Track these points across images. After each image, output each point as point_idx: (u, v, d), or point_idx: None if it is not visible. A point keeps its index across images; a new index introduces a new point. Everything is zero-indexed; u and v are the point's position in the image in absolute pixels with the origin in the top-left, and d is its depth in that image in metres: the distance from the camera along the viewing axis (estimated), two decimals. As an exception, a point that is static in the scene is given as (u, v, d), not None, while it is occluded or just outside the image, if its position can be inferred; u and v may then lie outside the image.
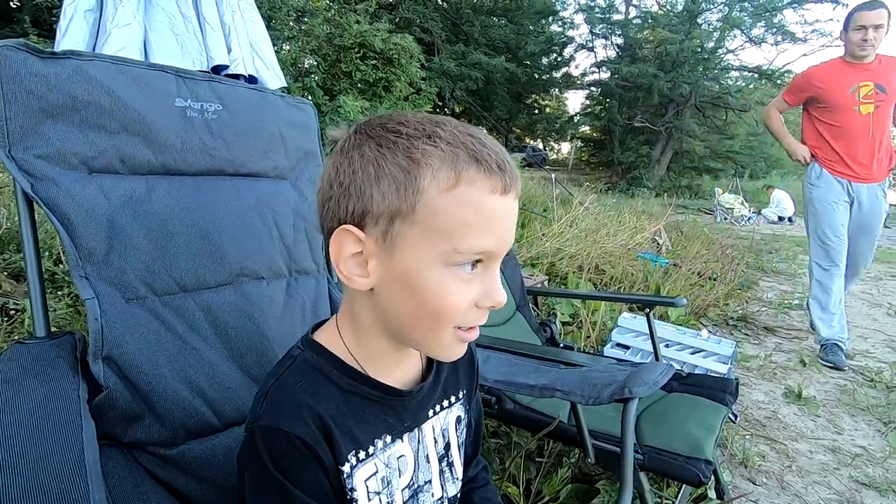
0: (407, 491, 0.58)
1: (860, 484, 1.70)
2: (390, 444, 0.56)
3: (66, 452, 0.54)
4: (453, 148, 0.47)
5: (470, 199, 0.47)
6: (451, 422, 0.64)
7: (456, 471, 0.65)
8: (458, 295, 0.48)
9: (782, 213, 10.83)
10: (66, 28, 1.25)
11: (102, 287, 0.70)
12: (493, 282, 0.50)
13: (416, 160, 0.47)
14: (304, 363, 0.55)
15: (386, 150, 0.48)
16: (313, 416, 0.50)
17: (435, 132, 0.48)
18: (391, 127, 0.49)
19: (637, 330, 2.50)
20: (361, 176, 0.48)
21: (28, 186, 0.68)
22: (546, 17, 18.73)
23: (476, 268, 0.49)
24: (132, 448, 0.70)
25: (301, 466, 0.50)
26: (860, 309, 4.03)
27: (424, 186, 0.46)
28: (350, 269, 0.51)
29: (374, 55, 8.80)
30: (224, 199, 0.89)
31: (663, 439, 1.16)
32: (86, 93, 0.74)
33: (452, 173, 0.47)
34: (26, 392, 0.59)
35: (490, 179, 0.47)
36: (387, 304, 0.51)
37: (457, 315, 0.50)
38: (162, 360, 0.73)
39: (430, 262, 0.48)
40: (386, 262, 0.49)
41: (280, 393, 0.52)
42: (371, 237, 0.49)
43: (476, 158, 0.47)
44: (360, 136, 0.50)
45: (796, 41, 16.47)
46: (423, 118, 0.50)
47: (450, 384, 0.65)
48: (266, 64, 1.56)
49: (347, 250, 0.50)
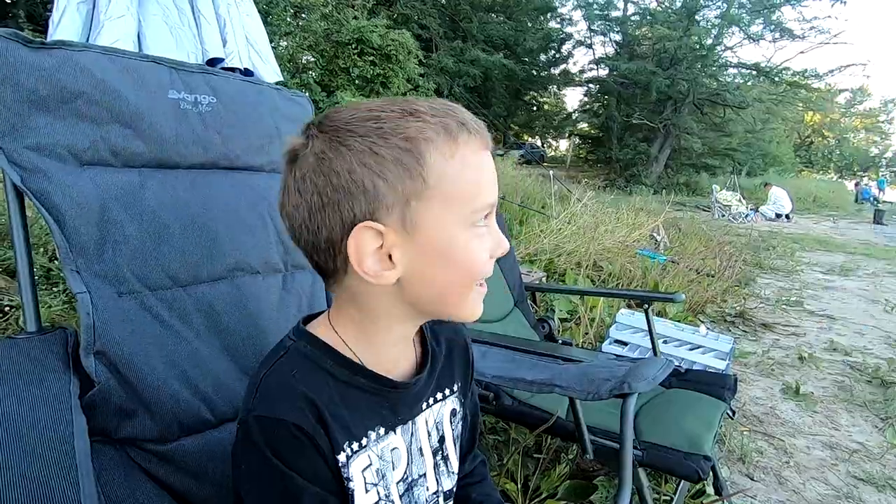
0: (402, 484, 0.57)
1: (858, 479, 1.70)
2: (383, 436, 0.56)
3: (57, 448, 0.53)
4: (439, 118, 0.48)
5: (468, 160, 0.49)
6: (445, 414, 0.64)
7: (451, 464, 0.64)
8: (480, 251, 0.51)
9: (780, 210, 10.85)
10: (58, 20, 1.23)
11: (94, 281, 0.69)
12: (497, 231, 0.54)
13: (413, 138, 0.46)
14: (296, 353, 0.54)
15: (377, 138, 0.46)
16: (308, 403, 0.50)
17: (415, 110, 0.48)
18: (367, 116, 0.47)
19: (635, 326, 2.49)
20: (360, 171, 0.46)
21: (18, 178, 0.67)
22: (544, 13, 18.71)
23: (485, 221, 0.52)
24: (125, 444, 0.69)
25: (300, 454, 0.49)
26: (857, 305, 4.04)
27: (431, 160, 0.47)
28: (373, 267, 0.49)
29: (372, 51, 8.77)
30: (218, 193, 0.87)
31: (662, 435, 1.15)
32: (76, 83, 0.73)
33: (449, 140, 0.48)
34: (16, 388, 0.57)
35: (476, 139, 0.50)
36: (418, 287, 0.51)
37: (483, 271, 0.52)
38: (155, 355, 0.71)
39: (455, 227, 0.49)
40: (410, 247, 0.49)
41: (274, 382, 0.51)
42: (390, 228, 0.48)
43: (460, 122, 0.49)
44: (335, 135, 0.47)
45: (794, 38, 16.50)
46: (390, 101, 0.49)
47: (444, 377, 0.64)
48: (262, 57, 1.54)
49: (368, 248, 0.48)
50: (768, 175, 18.34)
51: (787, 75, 16.99)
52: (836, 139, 38.43)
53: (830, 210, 14.57)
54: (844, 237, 8.69)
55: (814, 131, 37.38)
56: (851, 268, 5.61)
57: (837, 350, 2.95)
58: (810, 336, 3.21)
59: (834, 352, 2.93)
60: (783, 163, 24.55)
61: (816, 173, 34.91)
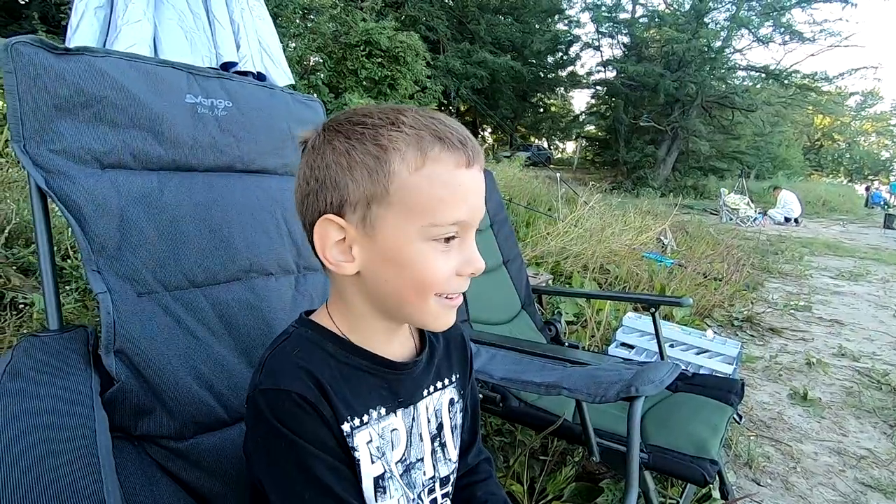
0: (400, 465, 0.59)
1: (866, 486, 1.70)
2: (384, 416, 0.58)
3: (80, 445, 0.55)
4: (417, 131, 0.50)
5: (438, 175, 0.50)
6: (444, 403, 0.66)
7: (448, 452, 0.66)
8: (438, 266, 0.52)
9: (788, 213, 10.76)
10: (76, 25, 1.25)
11: (114, 281, 0.71)
12: (470, 250, 0.54)
13: (384, 146, 0.50)
14: (299, 336, 0.57)
15: (355, 142, 0.51)
16: (311, 377, 0.53)
17: (398, 119, 0.51)
18: (357, 120, 0.52)
19: (642, 330, 2.49)
20: (335, 168, 0.51)
21: (42, 181, 0.69)
22: (552, 15, 18.67)
23: (452, 241, 0.52)
24: (143, 441, 0.71)
25: (306, 422, 0.51)
26: (866, 311, 4.01)
27: (395, 169, 0.50)
28: (335, 257, 0.53)
29: (380, 53, 8.79)
30: (234, 196, 0.89)
31: (668, 438, 1.16)
32: (98, 89, 0.75)
33: (419, 153, 0.50)
34: (40, 384, 0.59)
35: (454, 155, 0.51)
36: (374, 284, 0.54)
37: (440, 284, 0.53)
38: (172, 355, 0.73)
39: (410, 238, 0.51)
40: (368, 245, 0.52)
41: (277, 359, 0.55)
42: (352, 223, 0.52)
43: (439, 137, 0.51)
44: (329, 133, 0.53)
45: (804, 41, 16.35)
46: (386, 108, 0.53)
47: (443, 367, 0.67)
48: (274, 61, 1.56)
49: (331, 239, 0.53)
50: (777, 178, 18.17)
51: (796, 78, 16.84)
52: (847, 142, 38.07)
53: (840, 214, 14.44)
54: (854, 242, 8.61)
55: (823, 134, 37.05)
56: (861, 273, 5.56)
57: (846, 355, 2.93)
58: (818, 341, 3.18)
59: (842, 357, 2.91)
60: (792, 166, 24.34)
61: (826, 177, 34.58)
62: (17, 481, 0.50)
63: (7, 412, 0.55)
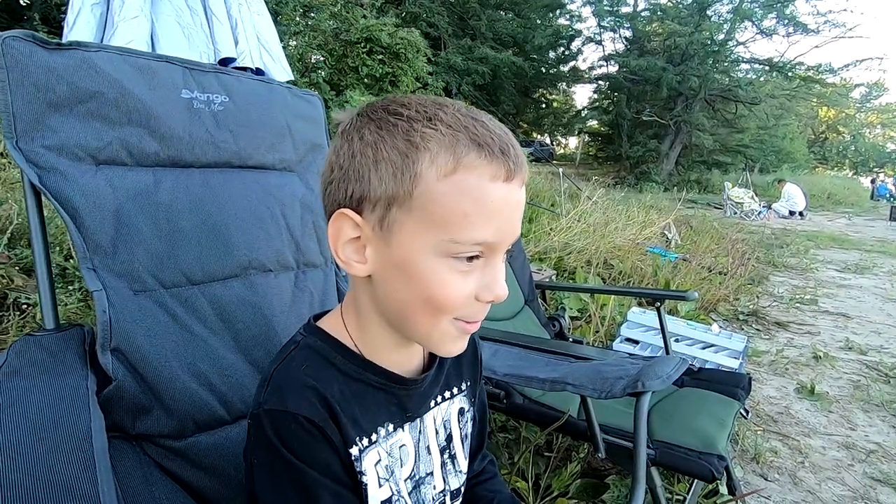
0: (409, 482, 0.57)
1: (875, 480, 1.68)
2: (392, 432, 0.56)
3: (75, 444, 0.54)
4: (454, 131, 0.45)
5: (469, 186, 0.45)
6: (453, 413, 0.63)
7: (459, 463, 0.64)
8: (454, 287, 0.47)
9: (793, 207, 10.69)
10: (73, 22, 1.24)
11: (110, 279, 0.70)
12: (494, 274, 0.48)
13: (415, 144, 0.45)
14: (307, 348, 0.54)
15: (385, 133, 0.46)
16: (319, 397, 0.50)
17: (436, 115, 0.46)
18: (393, 109, 0.47)
19: (646, 324, 2.47)
20: (360, 159, 0.47)
21: (35, 178, 0.68)
22: (553, 10, 18.55)
23: (475, 261, 0.47)
24: (141, 440, 0.70)
25: (311, 447, 0.49)
26: (874, 304, 3.98)
27: (422, 171, 0.44)
28: (347, 255, 0.50)
29: (381, 50, 8.76)
30: (232, 192, 0.88)
31: (675, 434, 1.14)
32: (91, 84, 0.74)
33: (451, 158, 0.44)
34: (35, 384, 0.58)
35: (491, 165, 0.45)
36: (383, 292, 0.50)
37: (454, 307, 0.48)
38: (170, 352, 0.72)
39: (427, 251, 0.46)
40: (382, 250, 0.48)
41: (284, 376, 0.51)
42: (368, 223, 0.48)
43: (477, 143, 0.45)
44: (362, 119, 0.48)
45: (808, 32, 16.19)
46: (427, 100, 0.48)
47: (452, 375, 0.64)
48: (273, 57, 1.55)
49: (345, 235, 0.49)
50: (781, 172, 18.00)
51: (800, 70, 16.69)
52: (852, 135, 37.77)
53: (845, 207, 14.33)
54: (860, 234, 8.55)
55: (828, 127, 36.77)
56: (867, 266, 5.52)
57: (853, 349, 2.91)
58: (825, 335, 3.16)
59: (849, 351, 2.89)
60: (797, 159, 24.17)
61: (831, 170, 34.34)
62: (12, 482, 0.49)
63: (2, 413, 0.54)
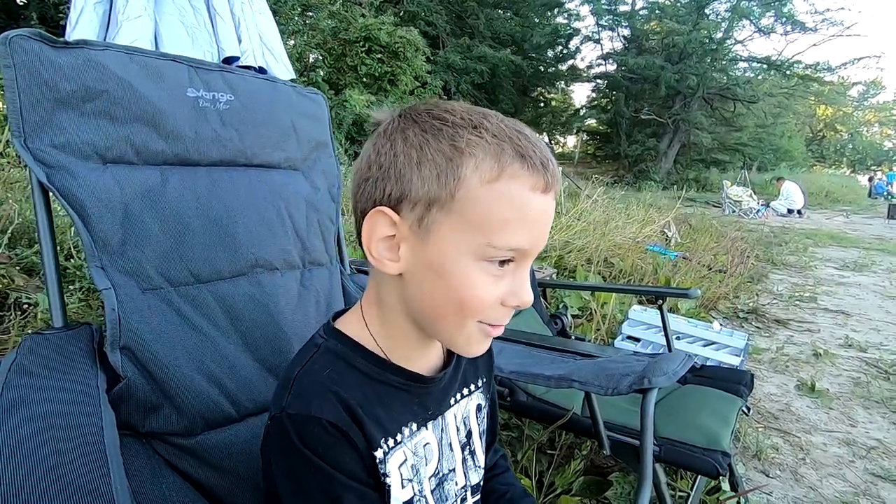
0: (433, 479, 0.58)
1: (876, 476, 1.69)
2: (416, 431, 0.56)
3: (87, 442, 0.54)
4: (499, 141, 0.47)
5: (510, 194, 0.46)
6: (471, 409, 0.64)
7: (478, 459, 0.65)
8: (485, 289, 0.48)
9: (792, 205, 10.71)
10: (76, 20, 1.24)
11: (119, 277, 0.70)
12: (522, 281, 0.50)
13: (461, 149, 0.46)
14: (328, 352, 0.54)
15: (430, 136, 0.47)
16: (342, 402, 0.50)
17: (481, 123, 0.47)
18: (437, 114, 0.48)
19: (648, 322, 2.48)
20: (403, 159, 0.48)
21: (43, 176, 0.68)
22: (551, 8, 18.53)
23: (507, 265, 0.49)
24: (150, 438, 0.70)
25: (335, 450, 0.49)
26: (873, 301, 3.99)
27: (466, 176, 0.46)
28: (381, 252, 0.50)
29: (380, 49, 8.76)
30: (238, 190, 0.88)
31: (679, 431, 1.15)
32: (98, 82, 0.74)
33: (496, 165, 0.46)
34: (46, 382, 0.58)
35: (533, 176, 0.47)
36: (414, 291, 0.51)
37: (482, 309, 0.49)
38: (179, 351, 0.72)
39: (462, 253, 0.47)
40: (418, 249, 0.49)
41: (307, 381, 0.52)
42: (406, 222, 0.49)
43: (521, 154, 0.47)
44: (405, 121, 0.49)
45: (806, 31, 16.20)
46: (470, 108, 0.49)
47: (469, 372, 0.64)
48: (275, 56, 1.55)
49: (380, 232, 0.50)
50: (780, 170, 18.02)
51: (798, 69, 16.70)
52: (849, 133, 37.83)
53: (843, 205, 14.36)
54: (858, 232, 8.57)
55: (826, 125, 36.81)
56: (866, 263, 5.53)
57: (853, 346, 2.92)
58: (825, 332, 3.17)
59: (849, 348, 2.90)
60: (795, 157, 24.19)
61: (829, 168, 34.38)
62: (25, 480, 0.49)
63: (13, 410, 0.54)
